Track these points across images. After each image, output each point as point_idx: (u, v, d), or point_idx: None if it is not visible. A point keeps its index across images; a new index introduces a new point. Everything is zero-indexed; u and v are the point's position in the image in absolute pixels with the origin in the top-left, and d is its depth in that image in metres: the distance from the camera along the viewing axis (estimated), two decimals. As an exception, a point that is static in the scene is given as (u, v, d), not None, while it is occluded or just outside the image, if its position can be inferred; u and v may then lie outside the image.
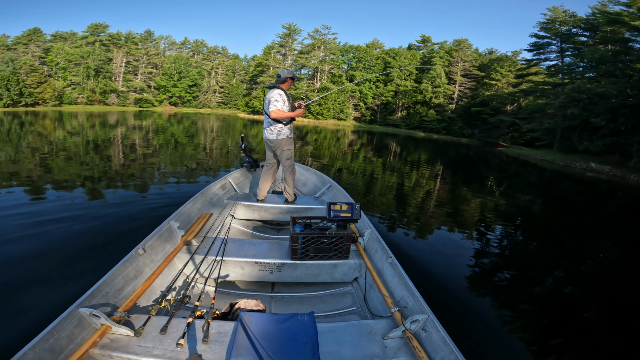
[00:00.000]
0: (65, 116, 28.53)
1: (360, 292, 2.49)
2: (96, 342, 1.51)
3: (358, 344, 1.67)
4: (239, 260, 2.43)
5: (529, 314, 3.09)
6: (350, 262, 2.53)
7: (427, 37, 52.40)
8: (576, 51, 28.36)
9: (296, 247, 2.42)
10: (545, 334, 2.75)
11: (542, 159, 23.18)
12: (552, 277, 4.11)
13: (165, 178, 7.04)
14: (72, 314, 1.52)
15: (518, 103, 38.43)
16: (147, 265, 2.14)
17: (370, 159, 14.21)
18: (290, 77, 3.44)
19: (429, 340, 1.64)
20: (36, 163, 7.61)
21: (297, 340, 1.52)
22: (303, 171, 4.98)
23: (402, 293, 2.04)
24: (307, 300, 2.51)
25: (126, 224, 3.93)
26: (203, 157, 10.61)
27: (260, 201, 3.68)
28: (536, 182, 13.76)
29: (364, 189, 7.71)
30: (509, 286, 3.64)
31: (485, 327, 2.71)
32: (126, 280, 1.93)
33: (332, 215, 2.48)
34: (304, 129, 31.87)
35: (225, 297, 2.42)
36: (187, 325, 1.66)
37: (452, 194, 8.46)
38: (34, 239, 3.40)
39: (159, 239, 2.39)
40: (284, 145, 3.50)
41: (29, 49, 48.98)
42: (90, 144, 11.95)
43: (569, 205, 9.27)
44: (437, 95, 46.17)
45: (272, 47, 56.16)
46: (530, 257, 4.72)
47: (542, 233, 6.12)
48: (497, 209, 7.41)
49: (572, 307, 3.30)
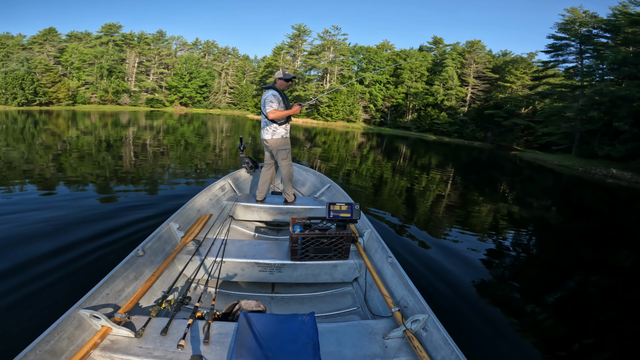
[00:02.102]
0: (79, 115, 28.94)
1: (360, 292, 2.48)
2: (97, 344, 1.49)
3: (359, 344, 1.67)
4: (239, 261, 2.42)
5: (530, 314, 3.03)
6: (350, 262, 2.53)
7: (439, 39, 51.62)
8: (595, 53, 27.44)
9: (296, 247, 2.41)
10: (546, 334, 2.73)
11: (559, 164, 22.35)
12: (557, 280, 3.96)
13: (167, 179, 6.97)
14: (72, 316, 1.52)
15: (533, 106, 37.44)
16: (147, 267, 2.13)
17: (379, 161, 13.99)
18: (279, 78, 3.42)
19: (429, 339, 1.63)
20: (38, 162, 7.53)
21: (297, 340, 1.49)
22: (302, 171, 4.95)
23: (403, 293, 2.03)
24: (307, 301, 2.50)
25: (126, 225, 3.87)
26: (211, 158, 10.46)
27: (259, 202, 3.69)
28: (552, 188, 13.26)
29: (372, 192, 7.63)
30: (510, 286, 3.60)
31: (485, 327, 2.69)
32: (126, 282, 1.92)
33: (331, 216, 2.46)
34: (313, 130, 31.64)
35: (226, 298, 2.40)
36: (188, 326, 1.65)
37: (459, 196, 8.31)
38: (31, 239, 3.34)
39: (158, 241, 2.37)
40: (279, 145, 3.52)
41: (44, 49, 50.00)
42: (99, 143, 11.90)
43: (588, 212, 8.90)
44: (449, 98, 45.30)
45: (282, 48, 56.12)
46: (534, 259, 4.62)
47: (550, 236, 5.95)
48: (503, 212, 7.23)
49: (575, 309, 3.23)
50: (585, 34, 28.09)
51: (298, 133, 26.31)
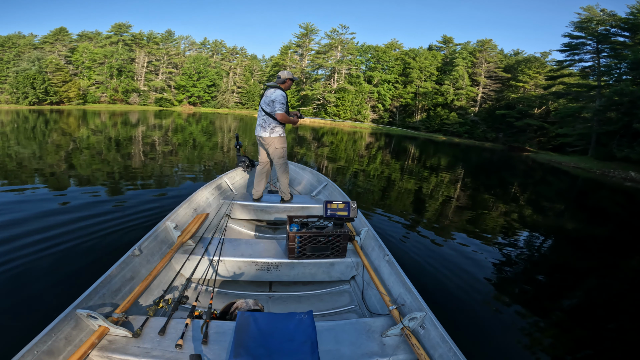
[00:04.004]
0: (89, 114, 29.18)
1: (358, 290, 2.47)
2: (95, 344, 1.49)
3: (357, 342, 1.67)
4: (236, 260, 2.42)
5: (529, 313, 2.99)
6: (348, 260, 2.53)
7: (449, 38, 50.80)
8: (613, 52, 26.55)
9: (293, 246, 2.41)
10: (544, 333, 2.72)
11: (576, 166, 21.66)
12: (557, 280, 3.89)
13: (169, 178, 6.85)
14: (69, 316, 1.50)
15: (546, 106, 36.52)
16: (143, 266, 2.11)
17: (387, 162, 13.69)
18: (289, 78, 3.46)
19: (427, 337, 1.63)
20: (37, 159, 7.41)
21: (296, 339, 1.49)
22: (299, 170, 4.95)
23: (400, 291, 2.03)
24: (305, 299, 2.49)
25: (122, 225, 3.82)
26: (219, 157, 10.23)
27: (256, 201, 3.68)
28: (567, 190, 12.77)
29: (371, 191, 7.51)
30: (508, 285, 3.57)
31: (482, 324, 2.69)
32: (123, 282, 1.91)
33: (328, 214, 2.46)
34: (320, 130, 31.40)
35: (223, 297, 2.39)
36: (186, 325, 1.65)
37: (462, 196, 8.17)
38: (25, 239, 3.25)
39: (154, 240, 2.36)
40: (276, 144, 3.49)
41: (55, 48, 50.63)
42: (108, 142, 11.78)
43: (604, 216, 8.50)
44: (460, 97, 44.53)
45: (289, 47, 55.94)
46: (535, 259, 4.51)
47: (556, 238, 5.77)
48: (506, 212, 7.07)
49: (575, 309, 3.21)
50: (603, 33, 27.26)
51: (305, 133, 26.07)
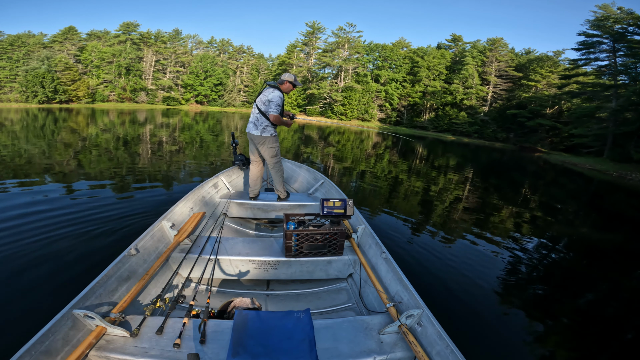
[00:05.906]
0: (98, 113, 29.31)
1: (355, 288, 2.48)
2: (92, 344, 1.48)
3: (354, 339, 1.67)
4: (233, 258, 2.42)
5: (526, 309, 3.01)
6: (345, 258, 2.52)
7: (458, 36, 49.97)
8: (629, 51, 25.68)
9: (290, 244, 2.40)
10: (541, 329, 2.72)
11: (591, 167, 21.01)
12: (557, 281, 3.85)
13: (169, 177, 6.75)
14: (66, 316, 1.49)
15: (559, 106, 35.61)
16: (140, 266, 2.10)
17: (395, 162, 13.45)
18: (290, 81, 3.43)
19: (424, 334, 1.64)
20: (36, 159, 7.27)
21: (293, 337, 1.48)
22: (295, 168, 4.93)
23: (397, 288, 2.03)
24: (302, 297, 2.50)
25: (118, 224, 3.80)
26: (225, 156, 9.98)
27: (252, 199, 3.68)
28: (581, 192, 12.29)
29: (371, 190, 7.45)
30: (505, 283, 3.56)
31: (479, 322, 2.70)
32: (119, 281, 1.90)
33: (325, 212, 2.44)
34: (327, 129, 31.06)
35: (221, 295, 2.39)
36: (183, 325, 1.64)
37: (465, 196, 8.16)
38: (21, 238, 3.21)
39: (151, 239, 2.33)
40: (268, 143, 3.47)
41: (64, 47, 51.07)
42: (110, 142, 11.65)
43: (620, 220, 8.18)
44: (469, 97, 43.77)
45: (296, 46, 55.63)
46: (534, 259, 4.44)
47: (563, 238, 5.68)
48: (508, 212, 6.93)
49: (575, 311, 3.19)
50: (620, 31, 26.43)
51: (311, 132, 25.79)
